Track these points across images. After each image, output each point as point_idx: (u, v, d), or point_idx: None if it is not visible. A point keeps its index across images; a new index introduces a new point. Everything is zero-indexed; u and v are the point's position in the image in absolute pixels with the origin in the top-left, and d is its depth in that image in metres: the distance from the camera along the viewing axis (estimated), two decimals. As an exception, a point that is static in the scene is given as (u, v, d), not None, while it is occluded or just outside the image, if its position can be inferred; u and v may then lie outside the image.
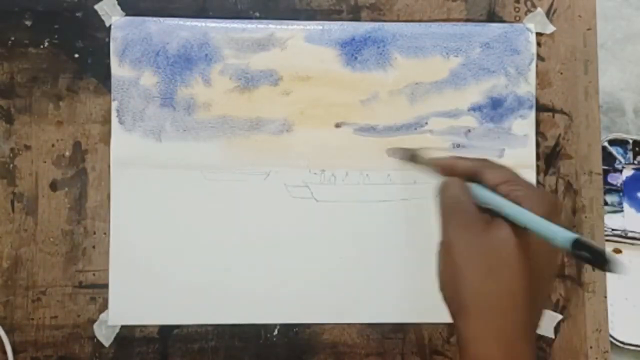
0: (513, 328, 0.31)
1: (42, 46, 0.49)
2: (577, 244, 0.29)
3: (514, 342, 0.31)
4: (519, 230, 0.33)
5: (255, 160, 0.49)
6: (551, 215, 0.32)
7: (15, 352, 0.47)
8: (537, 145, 0.51)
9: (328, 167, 0.49)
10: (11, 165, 0.49)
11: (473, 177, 0.37)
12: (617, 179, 0.56)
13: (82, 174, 0.49)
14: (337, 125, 0.50)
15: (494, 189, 0.36)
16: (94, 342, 0.48)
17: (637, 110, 0.58)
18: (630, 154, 0.57)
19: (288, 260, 0.49)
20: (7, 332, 0.47)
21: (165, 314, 0.48)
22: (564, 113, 0.51)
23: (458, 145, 0.50)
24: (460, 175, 0.38)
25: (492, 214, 0.35)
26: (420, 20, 0.51)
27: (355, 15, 0.51)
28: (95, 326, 0.48)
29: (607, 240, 0.53)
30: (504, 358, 0.31)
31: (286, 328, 0.49)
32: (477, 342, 0.31)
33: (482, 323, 0.31)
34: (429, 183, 0.49)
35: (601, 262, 0.28)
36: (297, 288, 0.49)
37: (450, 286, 0.33)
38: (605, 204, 0.54)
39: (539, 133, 0.51)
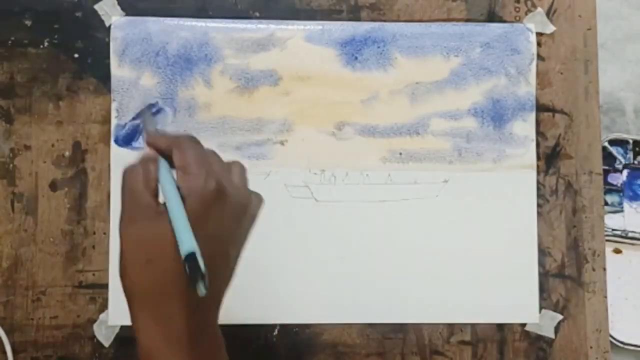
0: (171, 317, 0.31)
1: (42, 46, 0.49)
2: (190, 259, 0.29)
3: (172, 331, 0.32)
4: None
5: (255, 161, 0.49)
6: (200, 218, 0.31)
7: (15, 352, 0.47)
8: (538, 145, 0.51)
9: (328, 167, 0.49)
10: (11, 165, 0.49)
11: (170, 155, 0.35)
12: (617, 179, 0.56)
13: (81, 174, 0.49)
14: (337, 126, 0.50)
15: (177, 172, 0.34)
16: (94, 342, 0.48)
17: (637, 110, 0.58)
18: (630, 154, 0.57)
19: (288, 260, 0.49)
20: (7, 332, 0.47)
21: (165, 314, 0.48)
22: (564, 113, 0.51)
23: (459, 147, 0.50)
24: (160, 153, 0.36)
25: None
26: (420, 20, 0.51)
27: (355, 15, 0.51)
28: (95, 326, 0.48)
29: (608, 240, 0.53)
30: (165, 346, 0.32)
31: (286, 328, 0.49)
32: (140, 330, 0.32)
33: (142, 312, 0.32)
34: (429, 183, 0.50)
35: (193, 281, 0.29)
36: (297, 288, 0.49)
37: (121, 275, 0.33)
38: (606, 204, 0.54)
39: (539, 133, 0.51)
